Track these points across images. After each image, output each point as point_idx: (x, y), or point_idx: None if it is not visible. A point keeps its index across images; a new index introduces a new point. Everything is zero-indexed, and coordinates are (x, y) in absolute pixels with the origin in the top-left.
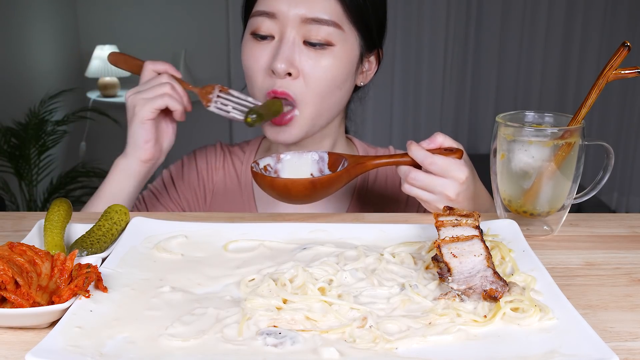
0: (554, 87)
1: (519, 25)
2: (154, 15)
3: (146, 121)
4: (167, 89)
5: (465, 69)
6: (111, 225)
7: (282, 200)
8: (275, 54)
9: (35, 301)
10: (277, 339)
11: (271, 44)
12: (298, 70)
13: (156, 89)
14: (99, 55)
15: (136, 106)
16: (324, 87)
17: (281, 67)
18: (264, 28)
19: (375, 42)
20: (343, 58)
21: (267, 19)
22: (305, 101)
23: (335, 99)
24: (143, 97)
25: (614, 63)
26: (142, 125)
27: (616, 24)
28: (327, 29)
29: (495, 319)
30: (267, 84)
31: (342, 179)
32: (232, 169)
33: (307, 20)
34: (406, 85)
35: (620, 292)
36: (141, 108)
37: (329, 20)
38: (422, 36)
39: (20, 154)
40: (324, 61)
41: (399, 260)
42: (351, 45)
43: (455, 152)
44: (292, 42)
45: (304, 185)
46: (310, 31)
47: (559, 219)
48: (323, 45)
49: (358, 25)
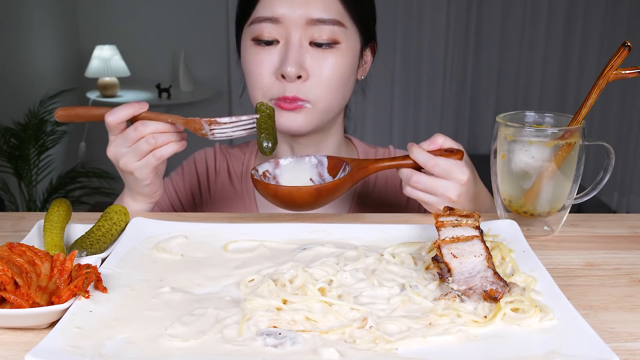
0: (554, 87)
1: (520, 25)
2: (154, 16)
3: (150, 180)
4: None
5: (466, 68)
6: (111, 225)
7: (285, 208)
8: (284, 58)
9: (35, 302)
10: (277, 339)
11: (277, 48)
12: (307, 72)
13: (141, 148)
14: (98, 55)
15: (134, 172)
16: (333, 84)
17: (292, 70)
18: (267, 33)
19: (371, 34)
20: (348, 54)
21: (270, 24)
22: (316, 100)
23: (343, 94)
24: (135, 163)
25: (615, 63)
26: (149, 184)
27: (616, 24)
28: (331, 28)
29: (496, 319)
30: (276, 90)
31: (346, 185)
32: (232, 171)
33: (310, 21)
34: (406, 86)
35: (620, 293)
36: (140, 172)
37: (332, 19)
38: (422, 36)
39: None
40: (331, 59)
41: (399, 261)
42: (354, 40)
43: (455, 154)
44: (299, 44)
45: (309, 193)
46: (315, 32)
47: (559, 220)
48: (329, 44)
49: (358, 20)
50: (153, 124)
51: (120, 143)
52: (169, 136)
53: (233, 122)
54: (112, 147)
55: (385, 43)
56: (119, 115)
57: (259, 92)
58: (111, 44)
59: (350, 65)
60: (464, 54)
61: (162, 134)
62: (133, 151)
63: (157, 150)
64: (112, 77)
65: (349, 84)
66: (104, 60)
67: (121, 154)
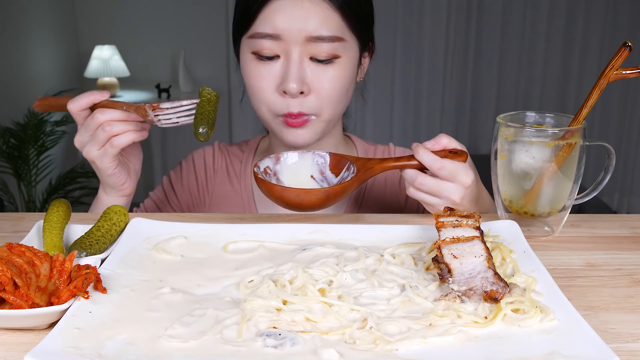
0: (554, 87)
1: (520, 25)
2: (154, 16)
3: (112, 170)
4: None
5: (466, 69)
6: (110, 226)
7: (289, 209)
8: (286, 75)
9: (34, 302)
10: (276, 340)
11: (277, 63)
12: (309, 86)
13: (99, 136)
14: (98, 55)
15: (94, 161)
16: (335, 96)
17: (294, 87)
18: (267, 49)
19: (369, 37)
20: (348, 66)
21: (270, 40)
22: (320, 112)
23: (344, 104)
24: (95, 152)
25: (615, 63)
26: (111, 175)
27: (617, 24)
28: (331, 45)
29: (496, 320)
30: (279, 106)
31: (353, 186)
32: (231, 170)
33: (311, 38)
34: (407, 86)
35: (621, 293)
36: (100, 161)
37: (331, 36)
38: (422, 36)
39: (19, 155)
40: (332, 72)
41: (399, 261)
42: (353, 51)
43: (460, 155)
44: (300, 60)
45: (317, 196)
46: (314, 48)
47: (560, 220)
48: (330, 59)
49: (357, 31)
50: (109, 112)
51: (83, 132)
52: (125, 125)
53: (175, 107)
54: (78, 135)
55: (385, 43)
56: (79, 103)
57: (263, 107)
58: (111, 44)
59: (351, 75)
60: (465, 54)
61: (119, 122)
62: (93, 139)
63: (114, 139)
64: (112, 77)
65: (349, 92)
66: (103, 60)
67: (84, 143)
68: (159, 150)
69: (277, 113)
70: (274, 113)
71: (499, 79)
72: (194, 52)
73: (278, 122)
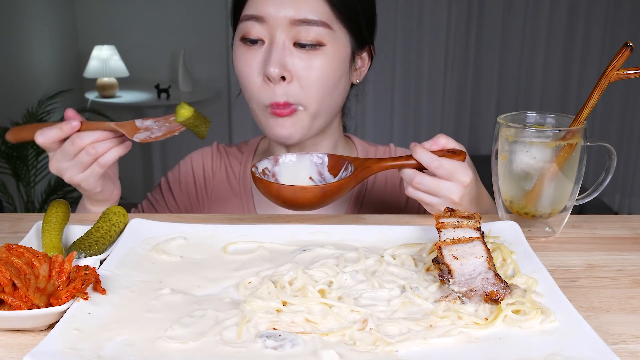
0: (555, 87)
1: (521, 24)
2: (153, 16)
3: (100, 188)
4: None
5: (467, 68)
6: (109, 226)
7: (286, 208)
8: (267, 59)
9: (33, 303)
10: (276, 341)
11: (262, 48)
12: (291, 73)
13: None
14: (97, 55)
15: (80, 184)
16: (319, 87)
17: (274, 71)
18: (253, 32)
19: (366, 38)
20: (335, 57)
21: (256, 23)
22: (305, 103)
23: (332, 99)
24: (79, 175)
25: (617, 63)
26: (100, 192)
27: (618, 24)
28: (317, 29)
29: (497, 321)
30: (265, 95)
31: (350, 185)
32: (230, 171)
33: (295, 22)
34: (407, 86)
35: (622, 294)
36: (87, 183)
37: (317, 20)
38: (423, 35)
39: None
40: (316, 61)
41: (400, 262)
42: (342, 44)
43: (458, 154)
44: (283, 45)
45: (314, 193)
46: (299, 33)
47: (560, 221)
48: (314, 45)
49: (347, 23)
50: (90, 134)
51: (60, 158)
52: (109, 143)
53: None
54: (53, 162)
55: (385, 43)
56: (48, 136)
57: (251, 97)
58: (110, 44)
59: (338, 69)
60: (465, 54)
61: (102, 142)
62: (75, 164)
63: (100, 159)
64: (111, 77)
65: (338, 88)
66: (102, 60)
67: (64, 169)
68: (159, 150)
69: (264, 103)
70: (262, 104)
71: (500, 79)
72: (194, 52)
73: (266, 114)
